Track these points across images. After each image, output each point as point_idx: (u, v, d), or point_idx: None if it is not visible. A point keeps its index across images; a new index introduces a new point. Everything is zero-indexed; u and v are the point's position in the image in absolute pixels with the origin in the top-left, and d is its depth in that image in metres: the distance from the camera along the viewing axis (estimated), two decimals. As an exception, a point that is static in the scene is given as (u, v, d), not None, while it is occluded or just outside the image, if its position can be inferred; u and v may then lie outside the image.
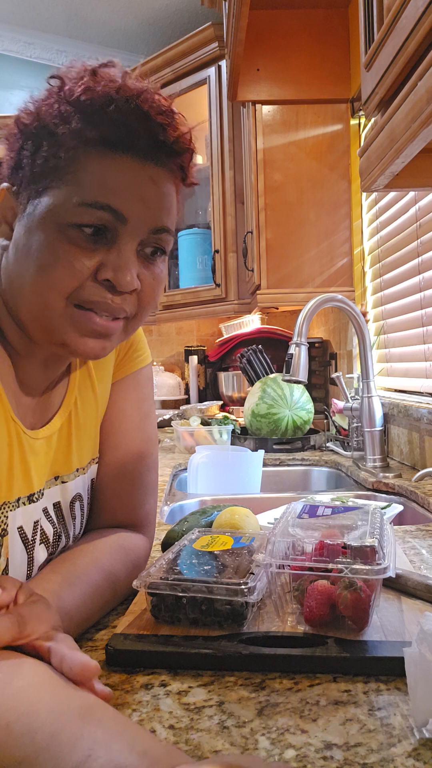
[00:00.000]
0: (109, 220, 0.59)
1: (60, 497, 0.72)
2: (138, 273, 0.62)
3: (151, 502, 0.81)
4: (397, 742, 0.45)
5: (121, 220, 0.59)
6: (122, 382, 0.79)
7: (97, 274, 0.60)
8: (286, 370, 1.44)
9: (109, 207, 0.58)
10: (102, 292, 0.60)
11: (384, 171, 0.92)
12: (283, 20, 2.06)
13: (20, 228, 0.62)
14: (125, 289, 0.60)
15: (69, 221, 0.58)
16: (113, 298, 0.61)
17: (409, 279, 1.65)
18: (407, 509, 1.29)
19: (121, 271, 0.59)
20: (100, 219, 0.58)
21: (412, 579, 0.69)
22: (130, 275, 0.60)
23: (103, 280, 0.60)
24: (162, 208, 0.62)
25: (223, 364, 3.03)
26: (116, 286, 0.60)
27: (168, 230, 0.63)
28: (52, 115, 0.60)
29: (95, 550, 0.70)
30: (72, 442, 0.72)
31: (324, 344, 2.49)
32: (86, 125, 0.58)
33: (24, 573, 0.66)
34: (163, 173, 0.62)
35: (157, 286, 0.65)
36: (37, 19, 3.17)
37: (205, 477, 1.50)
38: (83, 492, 0.76)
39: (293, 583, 0.63)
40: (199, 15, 3.00)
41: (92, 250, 0.59)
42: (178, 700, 0.51)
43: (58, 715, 0.41)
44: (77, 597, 0.62)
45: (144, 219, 0.60)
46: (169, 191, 0.63)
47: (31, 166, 0.61)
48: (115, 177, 0.59)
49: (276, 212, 2.11)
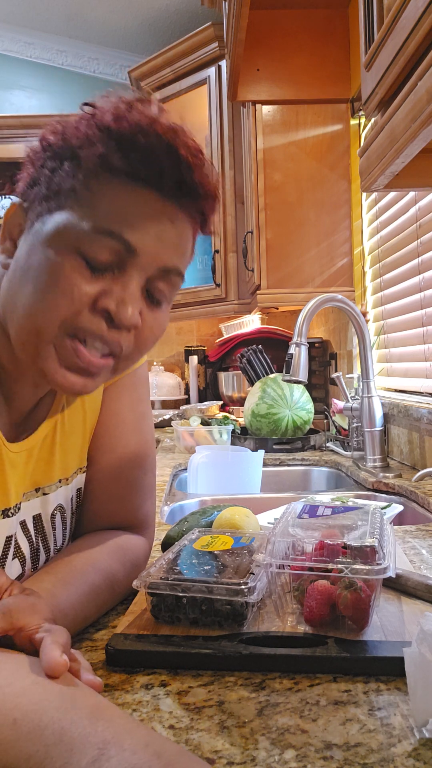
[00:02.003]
0: (118, 250, 0.56)
1: (40, 509, 0.70)
2: (141, 311, 0.59)
3: (150, 504, 0.80)
4: (397, 742, 0.45)
5: (131, 252, 0.57)
6: (117, 384, 0.77)
7: (97, 303, 0.57)
8: (286, 370, 1.44)
9: (121, 237, 0.56)
10: (99, 322, 0.57)
11: (384, 171, 0.92)
12: (283, 20, 2.06)
13: (24, 245, 0.60)
14: (125, 323, 0.57)
15: (76, 246, 0.56)
16: (109, 332, 0.58)
17: (409, 279, 1.65)
18: (407, 509, 1.29)
19: (124, 305, 0.57)
20: (109, 249, 0.56)
21: (412, 579, 0.69)
22: (132, 310, 0.57)
23: (102, 309, 0.57)
24: (176, 249, 0.60)
25: (223, 364, 3.03)
26: (115, 319, 0.57)
27: (178, 272, 0.61)
28: (78, 137, 0.58)
29: (92, 550, 0.69)
30: (56, 452, 0.70)
31: (324, 344, 2.49)
32: (112, 152, 0.57)
33: None
34: (183, 216, 0.60)
35: (158, 331, 0.63)
36: (37, 19, 3.17)
37: (205, 477, 1.50)
38: (65, 503, 0.73)
39: (293, 583, 0.63)
40: (199, 15, 3.00)
41: (96, 278, 0.56)
42: (178, 700, 0.51)
43: (65, 712, 0.40)
44: (73, 596, 0.61)
45: (155, 256, 0.58)
46: (186, 235, 0.62)
47: (48, 184, 0.59)
48: (132, 209, 0.57)
49: (276, 212, 2.11)
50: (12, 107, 3.31)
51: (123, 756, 0.37)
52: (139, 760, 0.37)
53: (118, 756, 0.37)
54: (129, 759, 0.37)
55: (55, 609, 0.57)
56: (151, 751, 0.38)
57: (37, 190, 0.60)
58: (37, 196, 0.60)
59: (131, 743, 0.39)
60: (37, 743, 0.38)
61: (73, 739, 0.38)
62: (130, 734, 0.40)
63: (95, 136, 0.57)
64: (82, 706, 0.42)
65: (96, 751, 0.38)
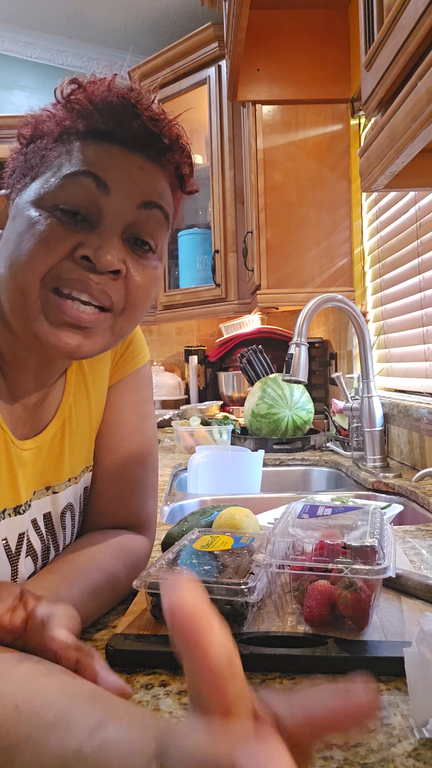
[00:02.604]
0: (90, 188, 0.56)
1: (51, 508, 0.70)
2: (124, 259, 0.59)
3: (152, 504, 0.80)
4: (397, 742, 0.45)
5: (103, 188, 0.57)
6: (120, 384, 0.77)
7: (75, 252, 0.56)
8: (286, 370, 1.44)
9: (91, 173, 0.57)
10: (78, 270, 0.56)
11: (384, 171, 0.92)
12: (283, 20, 2.06)
13: (8, 223, 0.61)
14: (104, 267, 0.56)
15: (50, 202, 0.57)
16: (92, 277, 0.57)
17: (409, 279, 1.65)
18: (407, 509, 1.29)
19: (102, 249, 0.56)
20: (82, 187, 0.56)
21: (412, 579, 0.69)
22: (111, 255, 0.56)
23: (81, 257, 0.56)
24: (151, 188, 0.60)
25: (223, 364, 3.02)
26: (95, 263, 0.56)
27: (159, 206, 0.60)
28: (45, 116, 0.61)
29: (96, 550, 0.69)
30: (64, 451, 0.70)
31: (324, 344, 2.49)
32: (73, 118, 0.59)
33: None
34: (152, 167, 0.60)
35: (150, 282, 0.61)
36: (37, 19, 3.17)
37: (205, 477, 1.50)
38: (75, 502, 0.74)
39: (293, 583, 0.63)
40: (199, 15, 3.00)
41: (72, 231, 0.56)
42: (178, 700, 0.51)
43: (66, 695, 0.41)
44: (76, 596, 0.61)
45: (130, 193, 0.58)
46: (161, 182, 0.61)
47: (23, 165, 0.61)
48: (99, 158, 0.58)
49: (276, 212, 2.11)
50: (12, 107, 3.31)
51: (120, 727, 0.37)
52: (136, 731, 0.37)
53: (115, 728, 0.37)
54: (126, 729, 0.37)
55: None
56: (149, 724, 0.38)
57: (16, 175, 0.62)
58: (16, 179, 0.62)
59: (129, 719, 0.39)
60: (37, 723, 0.39)
61: (73, 716, 0.39)
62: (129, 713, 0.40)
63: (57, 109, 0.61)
64: (82, 691, 0.42)
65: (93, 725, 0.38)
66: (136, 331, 0.80)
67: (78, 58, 3.44)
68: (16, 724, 0.39)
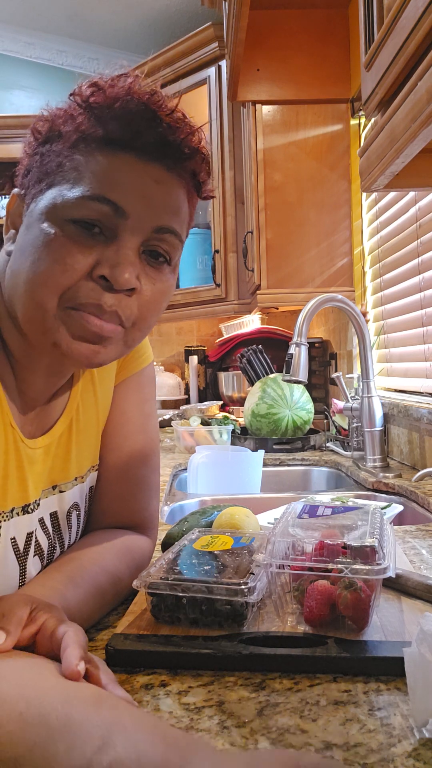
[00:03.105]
0: (108, 214, 0.56)
1: (57, 507, 0.70)
2: (139, 275, 0.59)
3: (155, 504, 0.81)
4: (397, 742, 0.45)
5: (121, 215, 0.57)
6: (124, 384, 0.78)
7: (93, 272, 0.57)
8: (286, 370, 1.44)
9: (109, 200, 0.56)
10: (97, 292, 0.57)
11: (384, 171, 0.92)
12: (283, 20, 2.06)
13: (22, 229, 0.61)
14: (122, 286, 0.57)
15: (66, 216, 0.56)
16: (106, 300, 0.57)
17: (409, 279, 1.65)
18: (407, 509, 1.29)
19: (119, 268, 0.56)
20: (99, 213, 0.56)
21: (412, 579, 0.69)
22: (129, 273, 0.57)
23: (98, 277, 0.57)
24: (167, 208, 0.60)
25: (223, 364, 3.02)
26: (112, 283, 0.56)
27: (173, 231, 0.60)
28: (61, 117, 0.60)
29: (101, 551, 0.70)
30: (71, 450, 0.71)
31: (324, 344, 2.49)
32: (91, 123, 0.58)
33: (15, 586, 0.64)
34: (169, 177, 0.60)
35: (161, 296, 0.62)
36: (37, 19, 3.17)
37: (205, 477, 1.50)
38: (80, 501, 0.74)
39: (293, 583, 0.63)
40: (199, 15, 3.00)
41: (89, 247, 0.57)
42: (178, 700, 0.51)
43: (69, 700, 0.41)
44: (80, 596, 0.61)
45: (146, 217, 0.58)
46: (177, 194, 0.61)
47: (39, 167, 0.60)
48: (117, 174, 0.57)
49: (276, 212, 2.11)
50: (12, 107, 3.31)
51: (129, 741, 0.37)
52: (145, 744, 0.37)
53: (124, 742, 0.37)
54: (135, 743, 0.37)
55: (64, 609, 0.57)
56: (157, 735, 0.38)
57: (31, 176, 0.61)
58: (31, 181, 0.61)
59: (136, 727, 0.38)
60: (41, 731, 0.39)
61: (78, 723, 0.38)
62: (134, 718, 0.40)
63: (75, 111, 0.59)
64: (85, 695, 0.42)
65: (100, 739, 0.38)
66: None
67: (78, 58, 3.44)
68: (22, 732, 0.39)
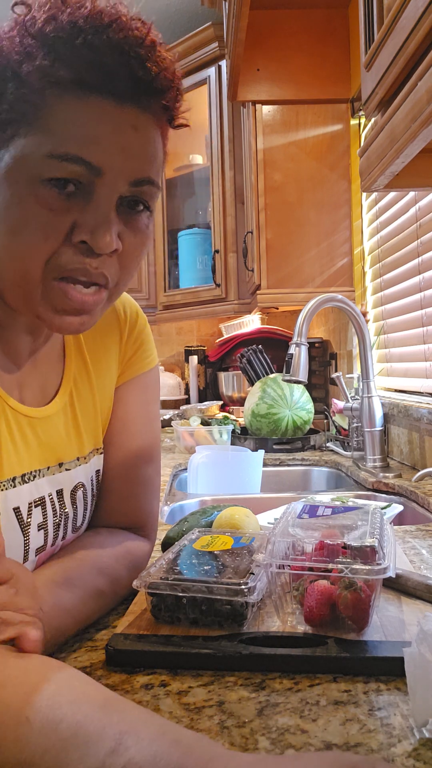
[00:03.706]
0: (81, 173, 0.53)
1: (63, 484, 0.70)
2: (119, 232, 0.56)
3: (156, 505, 0.81)
4: (397, 742, 0.45)
5: (96, 173, 0.53)
6: (129, 384, 0.78)
7: (72, 237, 0.54)
8: (286, 370, 1.44)
9: (81, 159, 0.52)
10: (79, 257, 0.55)
11: (384, 171, 0.92)
12: (283, 20, 2.06)
13: None
14: (103, 250, 0.54)
15: (37, 175, 0.52)
16: (91, 262, 0.55)
17: (409, 279, 1.65)
18: (407, 509, 1.29)
19: (99, 231, 0.53)
20: (72, 173, 0.52)
21: (412, 579, 0.69)
22: (109, 236, 0.54)
23: (78, 242, 0.54)
24: (144, 158, 0.56)
25: (223, 364, 3.02)
26: (93, 247, 0.54)
27: (151, 181, 0.57)
28: (15, 51, 0.53)
29: (100, 552, 0.70)
30: (70, 432, 0.71)
31: (324, 344, 2.49)
32: (53, 62, 0.52)
33: (20, 556, 0.64)
34: (145, 118, 0.55)
35: (140, 246, 0.60)
36: (37, 19, 3.17)
37: (205, 477, 1.50)
38: (86, 482, 0.74)
39: (293, 583, 0.63)
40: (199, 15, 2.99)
41: (65, 210, 0.53)
42: (178, 700, 0.51)
43: (78, 705, 0.40)
44: (77, 597, 0.61)
45: (123, 170, 0.54)
46: (153, 138, 0.57)
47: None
48: (89, 124, 0.52)
49: (276, 212, 2.11)
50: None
51: (141, 745, 0.37)
52: (158, 748, 0.37)
53: (137, 745, 0.37)
54: (148, 747, 0.37)
55: (60, 609, 0.57)
56: (169, 739, 0.38)
57: None
58: None
59: (148, 732, 0.38)
60: (52, 738, 0.38)
61: (89, 731, 0.38)
62: (146, 723, 0.39)
63: (32, 46, 0.52)
64: (95, 699, 0.41)
65: (113, 742, 0.37)
66: (147, 333, 0.80)
67: (78, 58, 3.43)
68: (29, 738, 0.38)
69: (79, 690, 0.42)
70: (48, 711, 0.39)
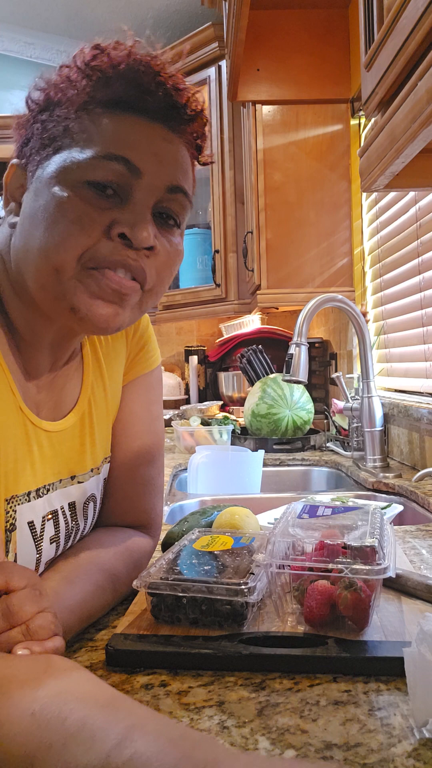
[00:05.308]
0: (122, 173, 0.56)
1: (75, 497, 0.71)
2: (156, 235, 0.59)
3: (159, 505, 0.81)
4: (397, 742, 0.45)
5: (136, 173, 0.57)
6: (133, 384, 0.79)
7: (111, 230, 0.56)
8: (286, 370, 1.44)
9: (124, 159, 0.56)
10: (119, 249, 0.57)
11: (384, 171, 0.92)
12: (283, 20, 2.06)
13: (28, 197, 0.60)
14: (141, 244, 0.57)
15: (79, 178, 0.56)
16: (130, 254, 0.57)
17: (409, 279, 1.65)
18: (407, 509, 1.29)
19: (137, 226, 0.56)
20: (113, 172, 0.56)
21: (412, 579, 0.69)
22: (147, 231, 0.57)
23: (118, 235, 0.56)
24: (177, 166, 0.60)
25: (223, 364, 3.02)
26: (132, 240, 0.56)
27: (185, 192, 0.61)
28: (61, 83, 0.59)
29: (100, 550, 0.70)
30: (86, 442, 0.71)
31: (324, 344, 2.49)
32: (97, 86, 0.58)
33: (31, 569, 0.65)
34: (175, 137, 0.61)
35: (174, 256, 0.62)
36: (37, 19, 3.17)
37: (205, 477, 1.50)
38: (97, 492, 0.75)
39: (293, 583, 0.63)
40: (199, 15, 2.99)
41: (104, 208, 0.56)
42: (178, 700, 0.51)
43: (85, 702, 0.40)
44: (78, 594, 0.61)
45: (159, 175, 0.58)
46: (184, 154, 0.62)
47: (41, 134, 0.59)
48: (127, 133, 0.57)
49: (276, 212, 2.11)
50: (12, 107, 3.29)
51: (147, 739, 0.37)
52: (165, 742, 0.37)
53: (143, 738, 0.37)
54: (154, 741, 0.37)
55: (61, 607, 0.57)
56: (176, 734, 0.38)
57: (32, 144, 0.60)
58: (32, 149, 0.60)
59: (155, 726, 0.38)
60: (57, 733, 0.38)
61: (95, 726, 0.38)
62: (153, 720, 0.39)
63: (78, 75, 0.59)
64: (101, 696, 0.42)
65: (119, 735, 0.37)
66: (150, 333, 0.81)
67: (78, 58, 3.43)
68: (34, 731, 0.38)
69: (86, 687, 0.43)
70: (54, 707, 0.40)
